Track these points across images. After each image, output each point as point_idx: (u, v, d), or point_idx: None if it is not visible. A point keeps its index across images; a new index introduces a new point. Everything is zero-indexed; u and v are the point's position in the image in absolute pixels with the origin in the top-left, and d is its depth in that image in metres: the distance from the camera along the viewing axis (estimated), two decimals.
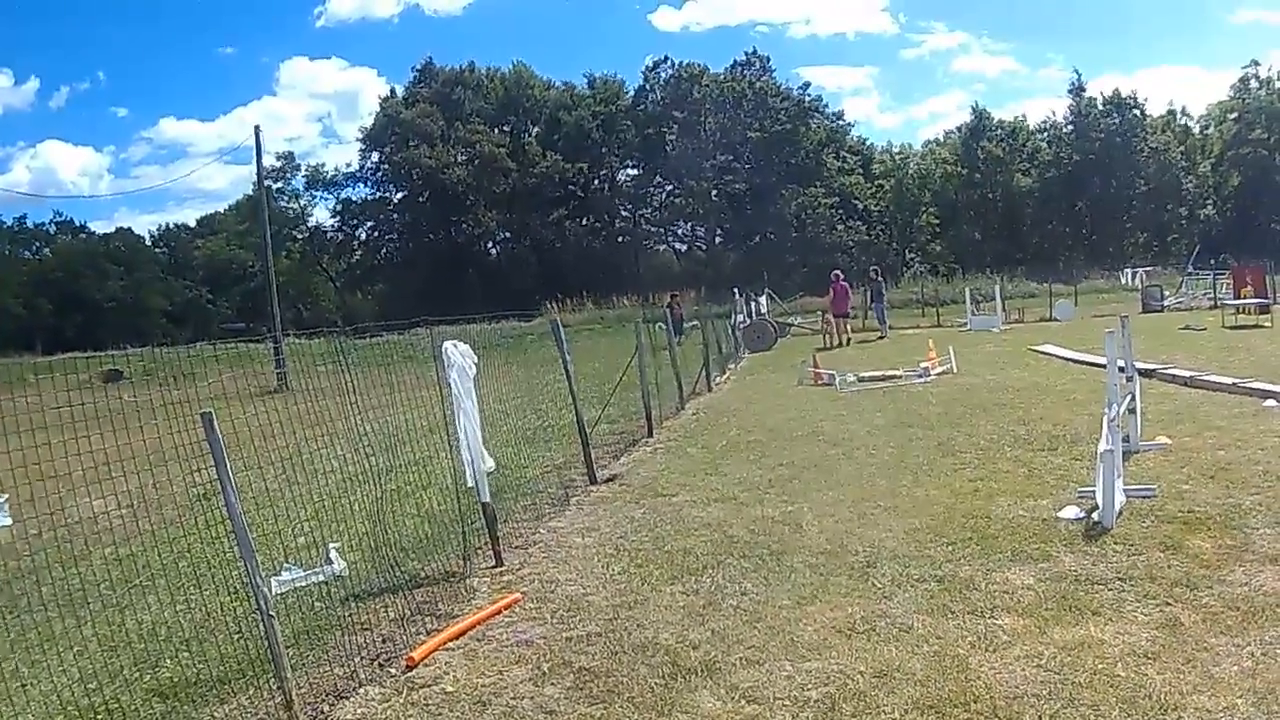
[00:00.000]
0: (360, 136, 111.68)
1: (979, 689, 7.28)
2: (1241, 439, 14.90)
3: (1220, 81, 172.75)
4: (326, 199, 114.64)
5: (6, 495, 8.15)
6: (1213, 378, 20.74)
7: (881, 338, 44.76)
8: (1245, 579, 9.01)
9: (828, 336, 44.33)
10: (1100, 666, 7.46)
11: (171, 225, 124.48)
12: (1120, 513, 11.23)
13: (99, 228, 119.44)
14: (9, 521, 8.95)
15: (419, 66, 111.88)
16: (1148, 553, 9.99)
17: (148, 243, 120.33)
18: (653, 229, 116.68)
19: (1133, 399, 14.50)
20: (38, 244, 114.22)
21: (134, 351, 42.50)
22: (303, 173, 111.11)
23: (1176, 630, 8.01)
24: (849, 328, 45.36)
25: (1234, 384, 19.58)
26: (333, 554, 11.86)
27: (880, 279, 51.16)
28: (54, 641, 9.90)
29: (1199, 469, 13.26)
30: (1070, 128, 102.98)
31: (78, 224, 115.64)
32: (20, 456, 7.78)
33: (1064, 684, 7.24)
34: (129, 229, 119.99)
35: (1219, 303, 44.40)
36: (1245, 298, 39.86)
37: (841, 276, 46.69)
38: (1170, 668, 7.34)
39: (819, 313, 53.54)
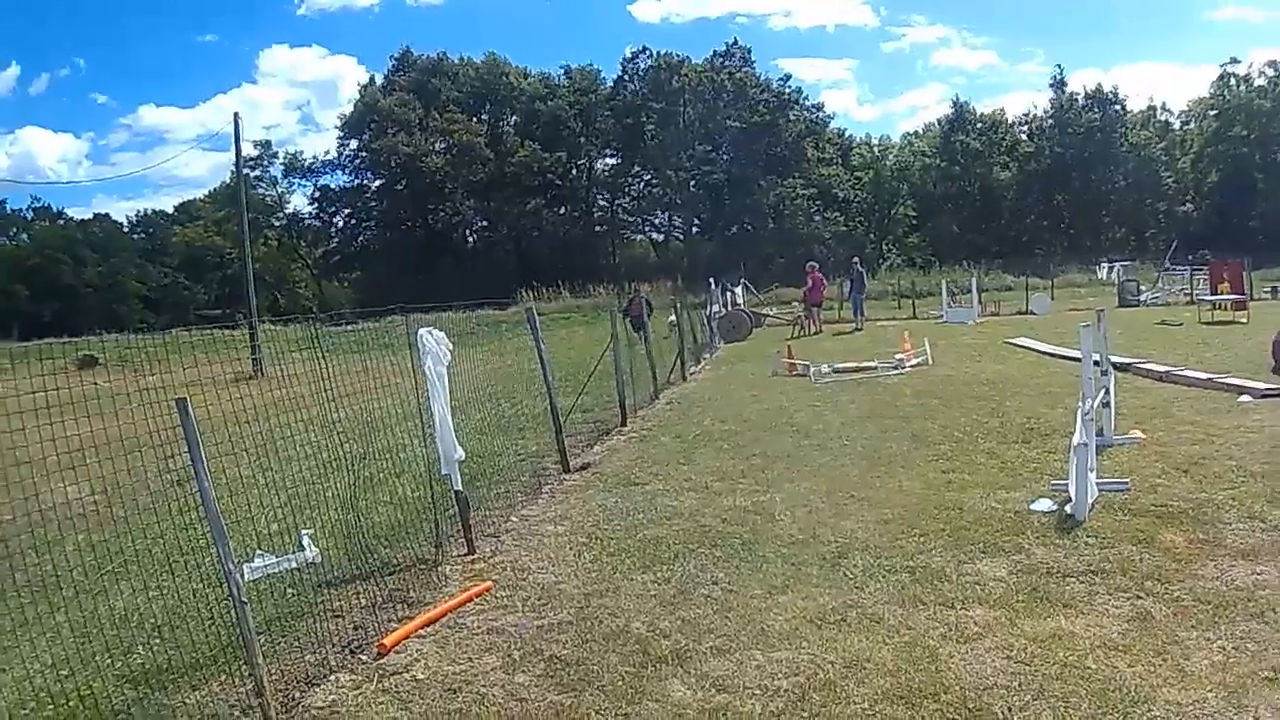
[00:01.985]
0: (339, 124, 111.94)
1: (949, 680, 7.31)
2: (1215, 434, 14.99)
3: (1198, 78, 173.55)
4: (304, 186, 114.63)
5: None
6: (1188, 373, 20.86)
7: (857, 329, 44.77)
8: (1217, 573, 9.06)
9: (798, 326, 44.57)
10: (1071, 659, 7.49)
11: (149, 212, 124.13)
12: (1093, 506, 11.30)
13: (77, 214, 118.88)
14: None
15: (397, 55, 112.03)
16: (1119, 546, 10.05)
17: (125, 229, 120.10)
18: (630, 218, 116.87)
19: (1107, 393, 14.58)
20: (15, 229, 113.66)
21: (109, 337, 42.34)
22: (281, 160, 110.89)
23: (1147, 623, 8.06)
24: (821, 317, 45.55)
25: (1209, 379, 19.70)
26: (305, 541, 11.85)
27: (861, 269, 51.07)
28: (26, 628, 9.86)
29: (1172, 463, 13.33)
30: (1051, 122, 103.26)
31: (55, 210, 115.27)
32: None
33: (1034, 676, 7.27)
34: (107, 215, 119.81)
35: (1195, 298, 44.59)
36: (1222, 293, 40.04)
37: (817, 267, 46.93)
38: (1141, 660, 7.38)
39: (793, 303, 53.68)
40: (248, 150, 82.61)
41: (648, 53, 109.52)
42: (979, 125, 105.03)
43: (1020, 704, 6.89)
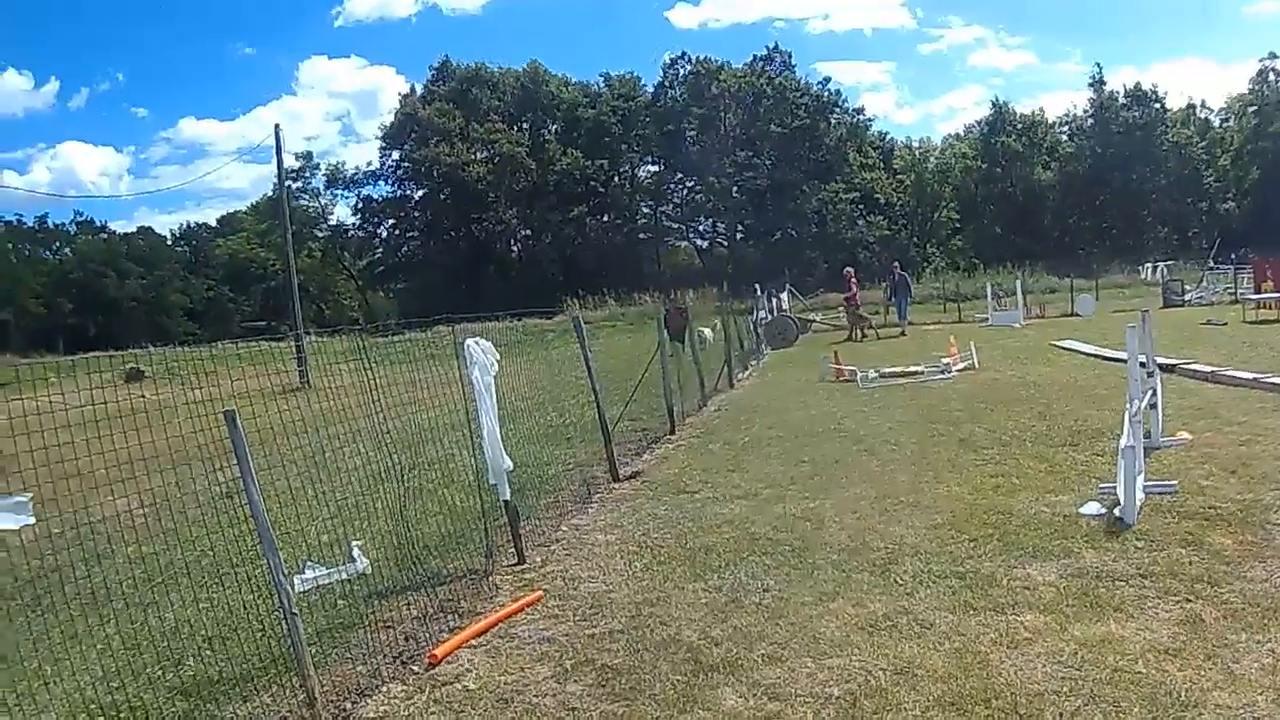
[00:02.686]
0: (380, 135, 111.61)
1: (1000, 686, 7.30)
2: (1262, 434, 14.88)
3: (1235, 75, 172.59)
4: (347, 197, 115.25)
5: (31, 494, 8.17)
6: (1234, 373, 20.71)
7: (902, 333, 44.52)
8: (1266, 575, 9.01)
9: (853, 331, 44.43)
10: (1121, 663, 7.46)
11: (192, 224, 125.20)
12: (1141, 509, 11.23)
13: (119, 227, 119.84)
14: (32, 520, 8.97)
15: (436, 65, 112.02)
16: (1169, 549, 10.00)
17: (168, 242, 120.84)
18: (673, 225, 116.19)
19: (1154, 394, 14.48)
20: (58, 244, 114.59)
21: (155, 350, 42.53)
22: (323, 171, 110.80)
23: (1198, 627, 8.02)
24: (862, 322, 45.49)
25: (1255, 379, 19.54)
26: (355, 552, 11.89)
27: (904, 273, 50.79)
28: (77, 640, 9.95)
29: (1220, 465, 13.24)
30: (1091, 121, 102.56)
31: (98, 224, 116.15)
32: (43, 455, 7.80)
33: (1085, 681, 7.25)
34: (149, 228, 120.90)
35: (1240, 297, 44.21)
36: (1266, 292, 39.73)
37: (853, 272, 46.78)
38: (1191, 664, 7.35)
39: (838, 308, 53.59)
40: (289, 162, 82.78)
41: (687, 59, 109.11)
42: (1019, 126, 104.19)
43: (1071, 709, 6.87)
